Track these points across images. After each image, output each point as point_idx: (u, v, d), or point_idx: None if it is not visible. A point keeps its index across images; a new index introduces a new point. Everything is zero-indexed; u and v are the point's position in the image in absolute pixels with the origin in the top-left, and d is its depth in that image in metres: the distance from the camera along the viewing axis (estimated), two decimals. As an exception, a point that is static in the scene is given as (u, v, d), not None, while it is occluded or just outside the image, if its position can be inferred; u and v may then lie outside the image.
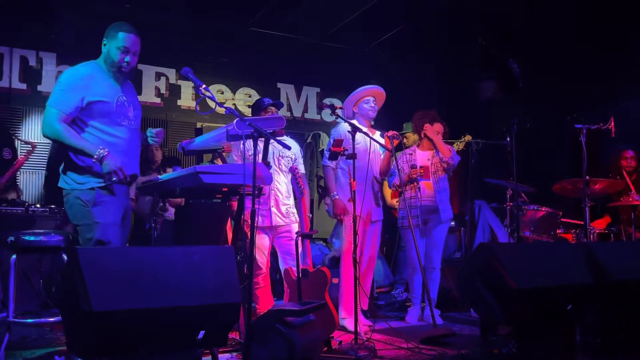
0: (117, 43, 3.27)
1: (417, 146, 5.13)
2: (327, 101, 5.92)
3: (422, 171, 4.87)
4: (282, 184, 4.39)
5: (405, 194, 4.80)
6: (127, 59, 3.30)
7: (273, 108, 4.38)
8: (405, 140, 5.81)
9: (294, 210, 4.44)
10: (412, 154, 5.06)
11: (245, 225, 3.51)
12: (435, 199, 4.91)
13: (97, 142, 3.20)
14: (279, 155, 4.40)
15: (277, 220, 4.33)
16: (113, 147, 3.23)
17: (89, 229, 3.18)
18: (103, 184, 3.20)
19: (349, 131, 4.22)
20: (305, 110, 8.07)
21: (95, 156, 3.13)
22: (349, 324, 4.39)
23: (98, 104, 3.22)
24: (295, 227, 4.37)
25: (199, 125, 7.22)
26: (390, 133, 4.45)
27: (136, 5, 6.58)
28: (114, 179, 3.16)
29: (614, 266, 3.27)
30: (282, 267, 4.39)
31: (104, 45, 3.32)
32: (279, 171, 4.40)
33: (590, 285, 3.22)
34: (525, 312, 3.09)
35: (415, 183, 4.88)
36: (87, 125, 3.24)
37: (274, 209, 4.32)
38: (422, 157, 5.03)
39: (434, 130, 4.99)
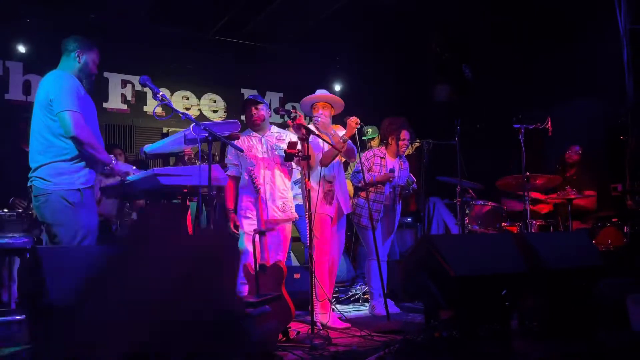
0: (94, 56, 3.54)
1: (386, 150, 5.28)
2: (287, 106, 6.11)
3: (394, 177, 5.14)
4: (277, 177, 4.45)
5: (370, 195, 5.00)
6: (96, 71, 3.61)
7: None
8: (369, 145, 6.01)
9: (291, 204, 4.48)
10: (383, 157, 5.22)
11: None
12: (395, 201, 5.24)
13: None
14: (272, 148, 4.48)
15: (274, 214, 4.36)
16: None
17: (74, 230, 3.29)
18: (87, 185, 3.39)
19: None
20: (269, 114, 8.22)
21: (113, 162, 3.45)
22: (323, 318, 4.47)
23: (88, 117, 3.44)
24: (287, 226, 4.47)
25: (165, 130, 7.34)
26: (353, 120, 4.46)
27: (102, 15, 6.69)
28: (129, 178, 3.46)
29: (547, 255, 3.50)
30: None
31: (78, 56, 3.49)
32: (274, 164, 4.46)
33: (524, 273, 3.42)
34: (464, 298, 3.31)
35: (381, 185, 5.12)
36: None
37: (269, 203, 4.35)
38: (392, 164, 5.23)
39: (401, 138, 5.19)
